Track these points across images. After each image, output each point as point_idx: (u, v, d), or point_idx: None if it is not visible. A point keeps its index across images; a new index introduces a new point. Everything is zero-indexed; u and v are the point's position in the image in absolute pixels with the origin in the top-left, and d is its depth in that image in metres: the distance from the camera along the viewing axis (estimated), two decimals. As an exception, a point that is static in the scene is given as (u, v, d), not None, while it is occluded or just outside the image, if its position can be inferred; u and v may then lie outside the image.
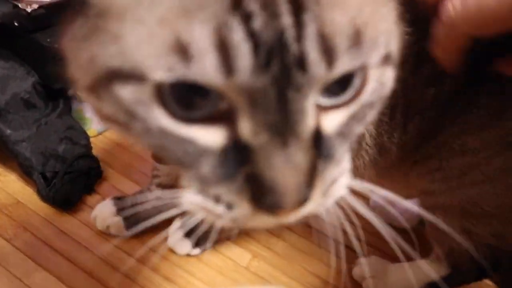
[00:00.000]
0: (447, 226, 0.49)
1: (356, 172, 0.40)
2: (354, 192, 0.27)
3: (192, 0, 0.20)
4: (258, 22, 0.20)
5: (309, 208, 0.24)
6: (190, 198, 0.24)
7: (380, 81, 0.26)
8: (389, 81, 0.27)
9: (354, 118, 0.25)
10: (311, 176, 0.23)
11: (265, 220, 0.24)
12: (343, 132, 0.25)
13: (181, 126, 0.23)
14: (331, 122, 0.24)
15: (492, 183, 0.44)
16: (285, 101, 0.21)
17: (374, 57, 0.24)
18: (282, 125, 0.22)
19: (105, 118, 0.25)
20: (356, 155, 0.40)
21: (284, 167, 0.22)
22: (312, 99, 0.22)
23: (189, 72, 0.20)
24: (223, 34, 0.20)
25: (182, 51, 0.20)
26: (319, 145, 0.24)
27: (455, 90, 0.41)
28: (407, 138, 0.42)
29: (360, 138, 0.40)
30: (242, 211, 0.24)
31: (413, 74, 0.40)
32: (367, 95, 0.25)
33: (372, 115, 0.27)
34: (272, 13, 0.20)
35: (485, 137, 0.42)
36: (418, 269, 0.55)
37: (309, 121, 0.22)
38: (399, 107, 0.42)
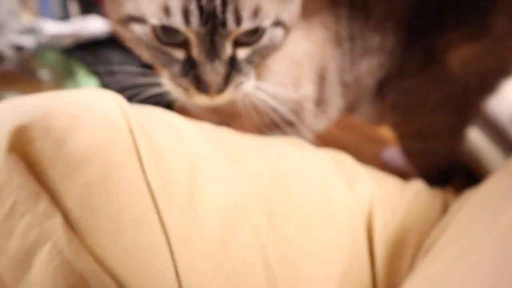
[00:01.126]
0: (414, 148, 0.70)
1: (326, 103, 0.59)
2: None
3: None
4: (204, 1, 0.36)
5: (226, 95, 0.41)
6: (166, 82, 0.42)
7: (271, 35, 0.41)
8: (278, 36, 0.42)
9: (256, 52, 0.42)
10: (226, 79, 0.40)
11: (203, 99, 0.41)
12: (249, 59, 0.42)
13: (163, 46, 0.40)
14: (242, 53, 0.41)
15: (435, 112, 0.64)
16: (214, 40, 0.38)
17: (266, 22, 0.39)
18: (212, 52, 0.38)
19: (125, 39, 0.42)
20: (323, 89, 0.58)
21: (210, 72, 0.39)
22: (229, 40, 0.39)
23: (169, 21, 0.37)
24: (186, 5, 0.36)
25: (166, 10, 0.37)
26: (234, 64, 0.41)
27: (397, 43, 0.58)
28: (361, 74, 0.60)
29: (325, 76, 0.58)
30: (192, 92, 0.41)
31: (365, 24, 0.57)
32: (263, 41, 0.41)
33: (269, 53, 0.43)
34: None
35: (421, 80, 0.61)
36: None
37: (226, 51, 0.39)
38: (356, 45, 0.58)
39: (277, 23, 0.41)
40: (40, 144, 0.29)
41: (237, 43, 0.41)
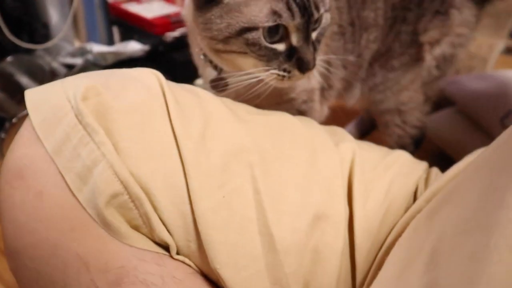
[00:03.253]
0: (391, 122, 0.83)
1: (330, 88, 0.71)
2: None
3: None
4: (298, 0, 0.47)
5: (313, 71, 0.52)
6: (273, 71, 0.51)
7: (326, 18, 0.52)
8: (328, 18, 0.53)
9: (320, 33, 0.52)
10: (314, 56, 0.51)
11: (301, 77, 0.51)
12: (317, 39, 0.52)
13: (269, 44, 0.49)
14: (314, 35, 0.51)
15: (408, 89, 0.78)
16: (308, 28, 0.49)
17: (324, 9, 0.50)
18: (307, 37, 0.49)
19: (228, 53, 0.51)
20: (329, 76, 0.69)
21: (308, 53, 0.49)
22: (312, 27, 0.50)
23: (280, 20, 0.47)
24: (288, 6, 0.47)
25: (275, 13, 0.47)
26: (314, 45, 0.51)
27: (386, 19, 0.71)
28: (361, 50, 0.72)
29: (330, 63, 0.68)
30: (295, 73, 0.50)
31: (361, 7, 0.68)
32: (322, 24, 0.52)
33: (324, 33, 0.54)
34: None
35: (401, 60, 0.75)
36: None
37: (313, 35, 0.50)
38: (356, 27, 0.69)
39: (328, 9, 0.54)
40: (102, 97, 0.39)
41: None
